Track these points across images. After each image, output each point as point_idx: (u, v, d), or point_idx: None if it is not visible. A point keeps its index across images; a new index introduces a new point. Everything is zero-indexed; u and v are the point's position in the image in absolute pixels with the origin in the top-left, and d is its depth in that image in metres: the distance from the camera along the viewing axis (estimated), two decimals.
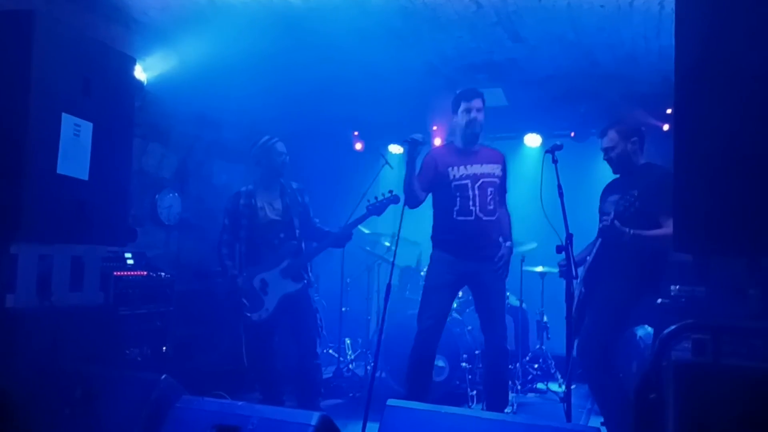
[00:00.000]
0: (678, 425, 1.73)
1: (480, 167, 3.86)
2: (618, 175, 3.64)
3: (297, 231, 4.14)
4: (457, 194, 3.81)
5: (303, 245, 4.20)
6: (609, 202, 3.47)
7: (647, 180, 3.29)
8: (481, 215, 3.80)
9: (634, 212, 3.17)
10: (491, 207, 3.83)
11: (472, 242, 3.79)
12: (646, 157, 3.57)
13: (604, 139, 3.58)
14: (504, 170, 3.97)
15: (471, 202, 3.79)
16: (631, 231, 3.19)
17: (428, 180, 3.86)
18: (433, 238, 3.95)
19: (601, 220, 3.46)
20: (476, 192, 3.81)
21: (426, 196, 3.90)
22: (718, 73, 1.86)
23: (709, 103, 1.87)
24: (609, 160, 3.58)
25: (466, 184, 3.82)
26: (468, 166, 3.86)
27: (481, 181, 3.83)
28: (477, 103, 3.80)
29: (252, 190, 4.21)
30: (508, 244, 3.91)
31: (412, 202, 3.79)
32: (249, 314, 4.04)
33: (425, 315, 3.75)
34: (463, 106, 3.81)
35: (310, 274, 4.22)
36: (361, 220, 4.17)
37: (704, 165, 1.84)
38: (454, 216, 3.79)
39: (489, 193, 3.82)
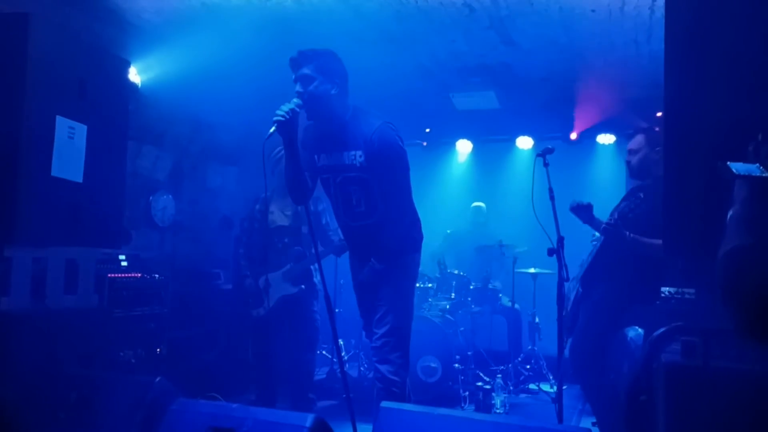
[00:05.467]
0: (668, 427, 1.75)
1: (340, 156, 2.91)
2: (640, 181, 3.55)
3: (303, 238, 4.34)
4: (328, 192, 3.06)
5: (309, 252, 4.39)
6: (620, 207, 3.44)
7: (658, 187, 3.24)
8: (348, 221, 3.02)
9: (639, 214, 3.14)
10: (361, 209, 2.94)
11: (354, 251, 3.18)
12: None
13: (631, 141, 3.54)
14: (375, 157, 2.83)
15: (335, 204, 3.04)
16: (631, 235, 3.18)
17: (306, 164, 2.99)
18: None
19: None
20: (338, 190, 2.97)
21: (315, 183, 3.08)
22: (707, 78, 1.89)
23: (698, 107, 1.89)
24: (629, 163, 3.52)
25: (328, 179, 2.99)
26: (328, 154, 2.96)
27: (341, 176, 2.93)
28: (300, 71, 2.86)
29: (268, 196, 4.47)
30: (372, 260, 2.93)
31: (299, 194, 2.94)
32: (251, 310, 4.36)
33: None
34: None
35: (315, 281, 4.44)
36: None
37: (692, 168, 1.87)
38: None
39: (353, 192, 2.93)
